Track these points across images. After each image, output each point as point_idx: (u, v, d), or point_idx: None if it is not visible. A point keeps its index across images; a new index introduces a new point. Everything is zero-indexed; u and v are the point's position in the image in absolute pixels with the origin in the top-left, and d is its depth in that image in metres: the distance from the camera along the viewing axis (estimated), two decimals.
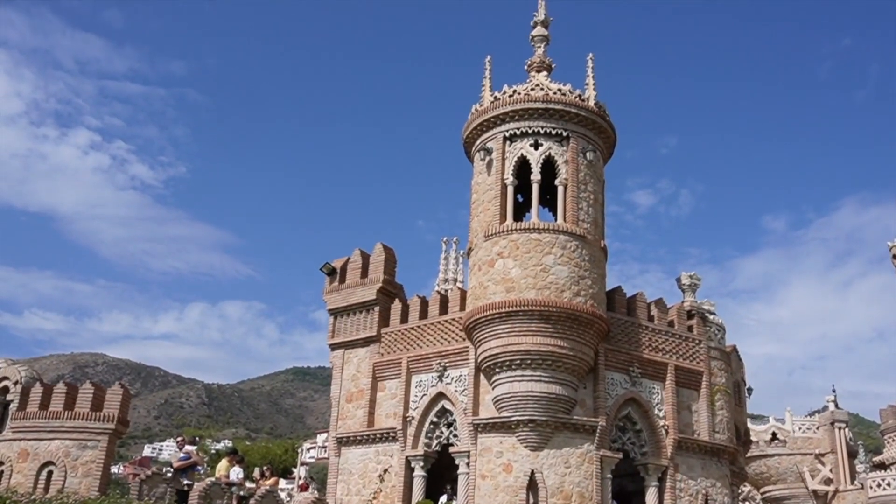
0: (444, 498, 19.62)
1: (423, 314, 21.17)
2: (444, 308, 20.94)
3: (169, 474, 20.04)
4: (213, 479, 18.67)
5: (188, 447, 20.21)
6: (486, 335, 18.53)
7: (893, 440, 43.12)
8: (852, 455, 35.97)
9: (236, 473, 18.79)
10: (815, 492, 33.12)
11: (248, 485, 20.33)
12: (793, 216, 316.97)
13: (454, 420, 19.47)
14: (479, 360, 18.89)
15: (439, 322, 20.62)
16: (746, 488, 35.08)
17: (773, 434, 34.37)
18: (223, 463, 19.84)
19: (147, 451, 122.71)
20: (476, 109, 20.73)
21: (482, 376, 19.14)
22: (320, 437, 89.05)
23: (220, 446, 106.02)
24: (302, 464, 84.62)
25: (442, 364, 19.91)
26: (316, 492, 24.22)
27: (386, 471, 19.94)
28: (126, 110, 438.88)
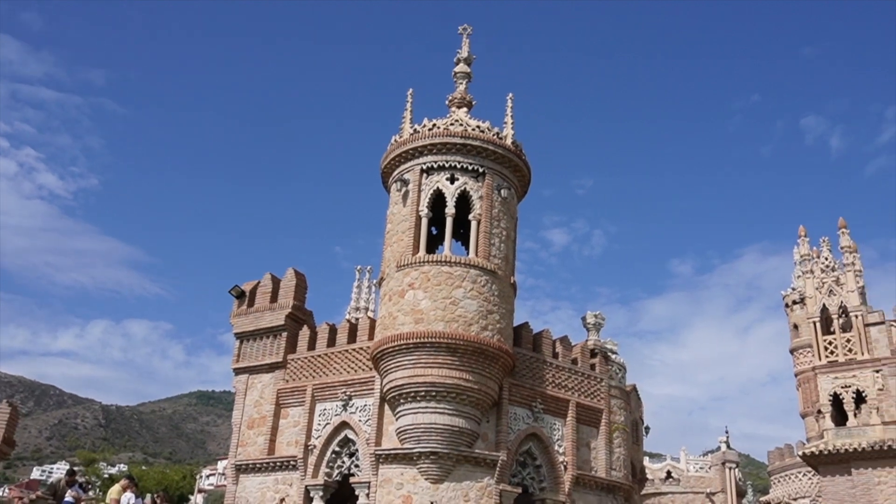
0: None
1: (332, 342, 21.09)
2: (352, 336, 20.91)
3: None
4: None
5: (71, 492, 19.38)
6: (392, 365, 18.58)
7: (779, 481, 44.83)
8: (741, 494, 37.21)
9: (128, 499, 18.23)
10: None
11: None
12: (699, 261, 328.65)
13: (357, 450, 19.38)
14: (385, 390, 18.90)
15: (347, 350, 20.57)
16: None
17: (668, 472, 35.31)
18: (115, 488, 19.27)
19: (35, 473, 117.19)
20: (395, 140, 20.93)
21: (387, 407, 19.13)
22: (221, 464, 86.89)
23: (114, 470, 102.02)
24: (200, 491, 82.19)
25: (347, 393, 19.84)
26: None
27: (283, 500, 19.66)
28: (38, 116, 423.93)
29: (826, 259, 31.99)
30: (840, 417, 29.54)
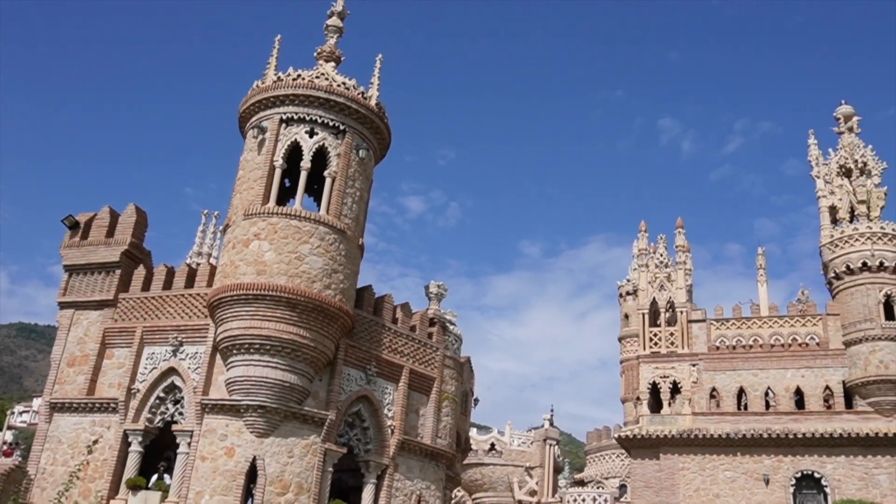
0: (155, 477, 18.90)
1: (168, 285, 20.35)
2: (190, 281, 20.25)
3: None
4: None
5: None
6: (229, 315, 18.14)
7: (594, 460, 47.38)
8: (558, 471, 39.02)
9: None
10: (520, 501, 35.57)
11: None
12: (547, 244, 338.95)
13: (182, 397, 18.86)
14: (219, 339, 18.45)
15: (183, 295, 19.90)
16: (460, 493, 36.94)
17: (493, 445, 36.50)
18: None
19: None
20: (257, 86, 20.30)
21: (219, 357, 18.69)
22: (36, 401, 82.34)
23: None
24: (10, 427, 77.70)
25: (179, 339, 19.24)
26: (20, 459, 22.49)
27: (96, 441, 18.90)
28: None
29: (661, 255, 33.80)
30: (656, 405, 31.46)
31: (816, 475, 28.23)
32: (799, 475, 28.48)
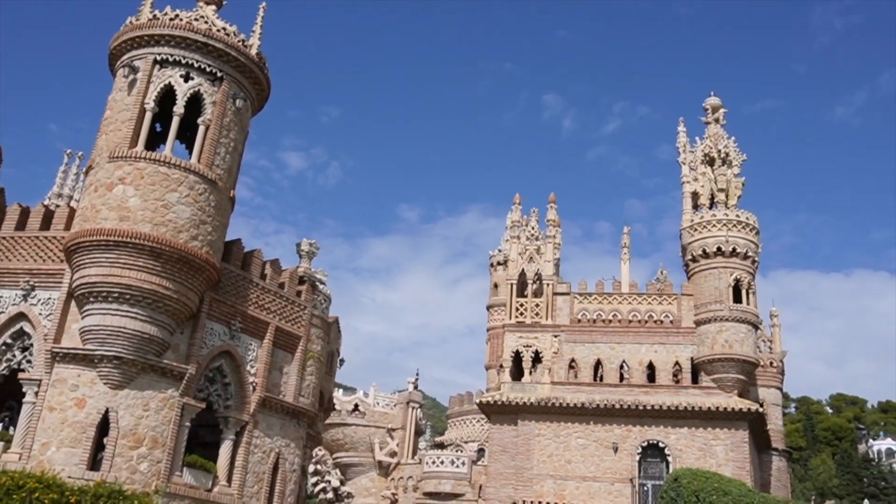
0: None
1: (21, 225, 19.24)
2: (46, 223, 19.21)
3: None
4: None
5: None
6: (87, 261, 17.35)
7: (455, 424, 48.40)
8: (419, 433, 39.64)
9: None
10: (380, 462, 35.99)
11: None
12: (426, 210, 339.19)
13: (31, 345, 17.97)
14: (74, 286, 17.63)
15: (38, 237, 18.88)
16: (321, 452, 36.99)
17: (356, 406, 36.67)
18: None
19: None
20: (131, 22, 19.34)
21: (74, 304, 17.88)
22: None
23: None
24: None
25: (31, 283, 18.28)
26: None
27: None
28: None
29: (532, 229, 34.59)
30: (518, 373, 32.33)
31: (661, 445, 29.81)
32: (645, 444, 30.00)
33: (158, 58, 18.91)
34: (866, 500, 75.33)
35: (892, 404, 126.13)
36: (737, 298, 30.72)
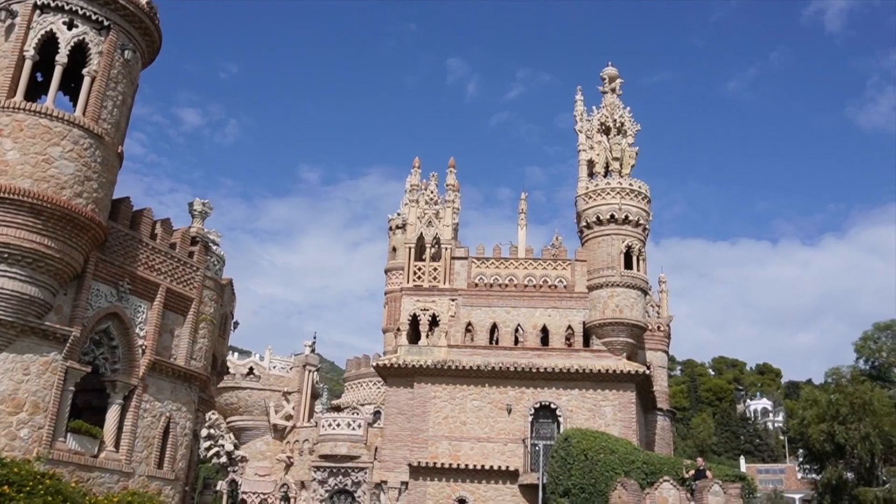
0: None
1: None
2: None
3: None
4: None
5: None
6: None
7: (352, 387, 48.37)
8: (316, 396, 39.42)
9: None
10: (275, 425, 35.63)
11: None
12: (327, 172, 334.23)
13: None
14: None
15: None
16: (214, 416, 36.38)
17: (251, 369, 36.12)
18: None
19: None
20: None
21: None
22: None
23: None
24: None
25: None
26: None
27: None
28: None
29: (431, 193, 34.63)
30: (415, 336, 32.52)
31: (553, 406, 30.60)
32: (538, 405, 30.73)
33: (39, 2, 17.82)
34: (742, 457, 79.71)
35: (769, 367, 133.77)
36: (628, 265, 31.64)
